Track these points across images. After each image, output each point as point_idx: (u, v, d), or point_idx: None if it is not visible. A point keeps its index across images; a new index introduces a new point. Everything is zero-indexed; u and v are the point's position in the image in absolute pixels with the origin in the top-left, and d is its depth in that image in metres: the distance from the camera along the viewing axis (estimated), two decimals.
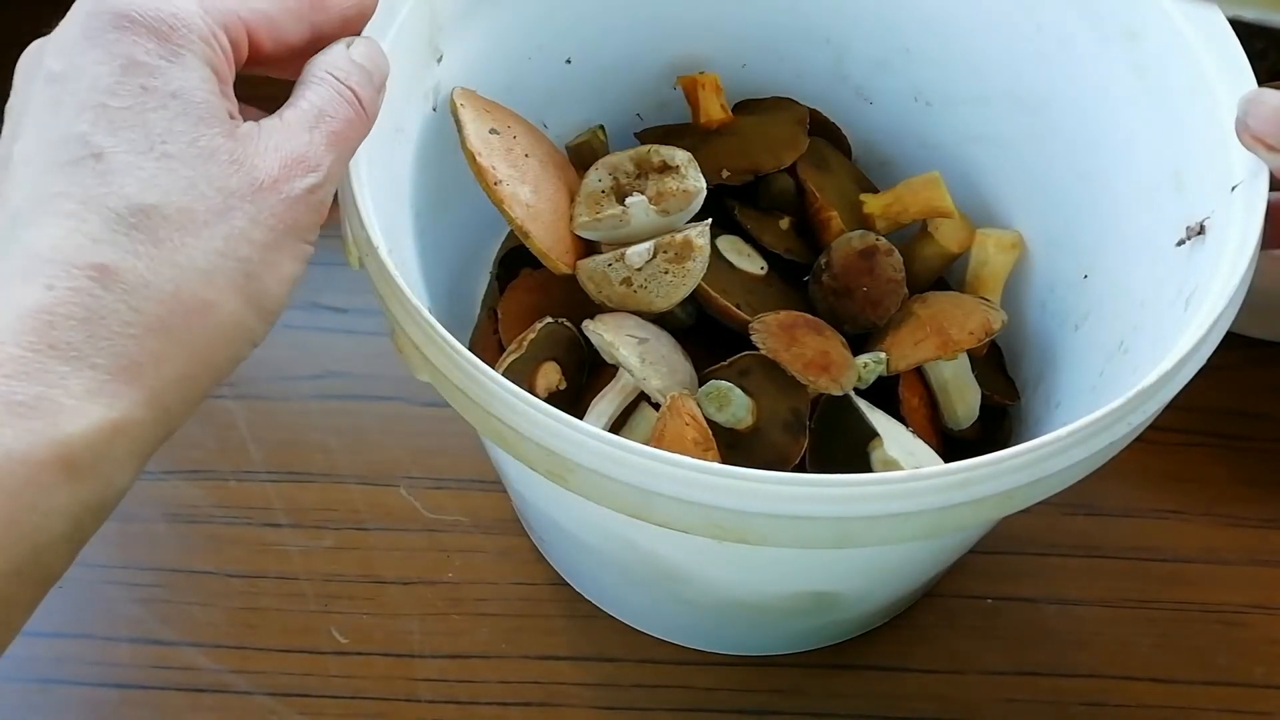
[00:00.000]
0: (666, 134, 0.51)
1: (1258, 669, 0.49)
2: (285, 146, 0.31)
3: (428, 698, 0.48)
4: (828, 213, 0.48)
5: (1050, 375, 0.47)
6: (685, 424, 0.40)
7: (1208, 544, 0.52)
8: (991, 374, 0.50)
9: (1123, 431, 0.32)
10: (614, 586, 0.48)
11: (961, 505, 0.31)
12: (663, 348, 0.43)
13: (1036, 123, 0.46)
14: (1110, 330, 0.42)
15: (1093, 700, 0.49)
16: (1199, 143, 0.38)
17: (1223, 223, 0.36)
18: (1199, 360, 0.33)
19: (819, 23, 0.49)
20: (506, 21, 0.45)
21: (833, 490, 0.30)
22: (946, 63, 0.48)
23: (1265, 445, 0.54)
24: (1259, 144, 0.35)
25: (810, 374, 0.43)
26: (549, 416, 0.31)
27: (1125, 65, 0.41)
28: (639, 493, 0.31)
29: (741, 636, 0.48)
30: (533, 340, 0.43)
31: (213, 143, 0.30)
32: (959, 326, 0.45)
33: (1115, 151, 0.43)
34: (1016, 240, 0.49)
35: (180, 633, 0.49)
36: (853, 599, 0.44)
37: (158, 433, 0.28)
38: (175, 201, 0.29)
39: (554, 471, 0.32)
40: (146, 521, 0.52)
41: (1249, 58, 0.38)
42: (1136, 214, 0.42)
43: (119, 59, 0.29)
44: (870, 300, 0.46)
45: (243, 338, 0.30)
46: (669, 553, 0.39)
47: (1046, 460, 0.31)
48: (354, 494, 0.53)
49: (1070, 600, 0.51)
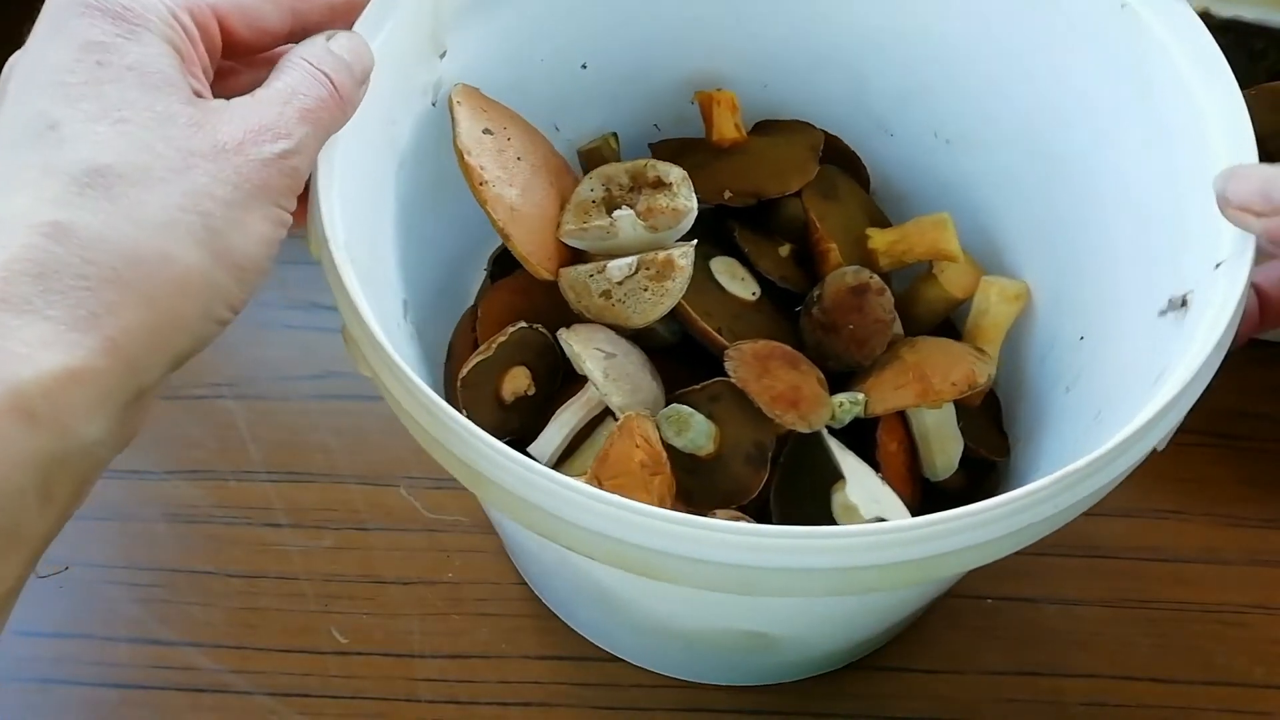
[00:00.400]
0: (679, 148, 0.50)
1: (1258, 669, 0.49)
2: (253, 116, 0.31)
3: (428, 698, 0.48)
4: (827, 244, 0.47)
5: (1039, 435, 0.46)
6: (635, 445, 0.40)
7: (1208, 544, 0.52)
8: (984, 426, 0.48)
9: (1049, 512, 0.31)
10: (569, 601, 0.48)
11: (869, 568, 0.30)
12: (630, 365, 0.43)
13: (1050, 173, 0.45)
14: (1093, 397, 0.41)
15: (1093, 700, 0.48)
16: (1197, 212, 0.36)
17: (1203, 300, 0.34)
18: (1145, 445, 0.31)
19: (840, 52, 0.48)
20: (517, 22, 0.45)
21: (730, 538, 0.29)
22: (967, 102, 0.46)
23: (1266, 445, 0.54)
24: (1245, 213, 0.34)
25: (778, 408, 0.42)
26: (458, 425, 0.31)
27: (1138, 123, 0.40)
28: (546, 515, 0.31)
29: (693, 663, 0.48)
30: (502, 344, 0.43)
31: (170, 108, 0.30)
32: (942, 376, 0.43)
33: (1120, 210, 0.41)
34: (1021, 291, 0.47)
35: (180, 633, 0.50)
36: (790, 641, 0.43)
37: (123, 384, 0.29)
38: (131, 160, 0.29)
39: (469, 480, 0.32)
40: (146, 521, 0.53)
41: (1249, 57, 0.36)
42: (1133, 279, 0.40)
43: (77, 40, 0.30)
44: (856, 339, 0.45)
45: (212, 293, 0.30)
46: (601, 575, 0.39)
47: (956, 534, 0.30)
48: (354, 494, 0.53)
49: (1070, 600, 0.50)
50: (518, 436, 0.45)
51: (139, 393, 0.29)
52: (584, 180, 0.45)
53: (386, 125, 0.41)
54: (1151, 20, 0.38)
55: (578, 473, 0.43)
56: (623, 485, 0.39)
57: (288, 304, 0.36)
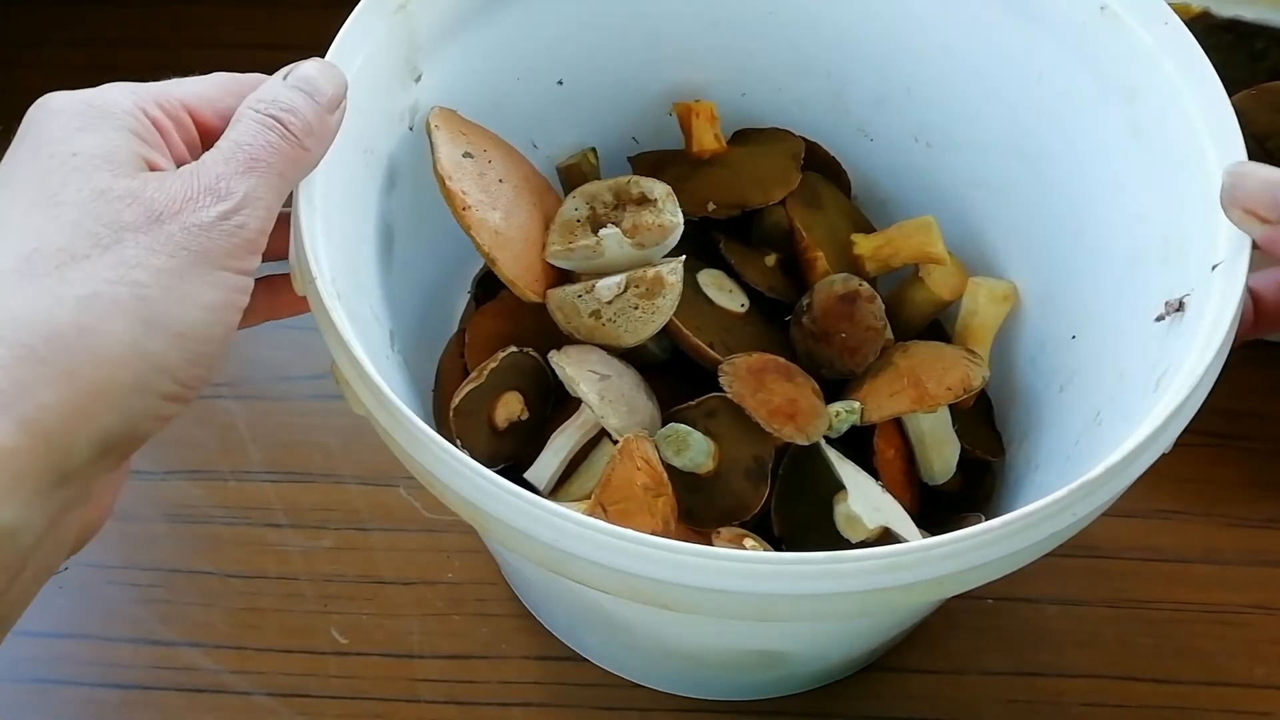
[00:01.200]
0: (658, 161, 0.50)
1: (1259, 669, 0.49)
2: (193, 181, 0.31)
3: (427, 698, 0.48)
4: (814, 252, 0.47)
5: (1035, 434, 0.46)
6: (637, 468, 0.39)
7: (1209, 544, 0.52)
8: (978, 427, 0.48)
9: (1068, 520, 0.30)
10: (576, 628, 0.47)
11: (890, 590, 0.30)
12: (625, 386, 0.42)
13: (1034, 173, 0.44)
14: (1090, 397, 0.41)
15: (1093, 701, 0.48)
16: (1189, 213, 0.36)
17: (1201, 303, 0.34)
18: (1153, 454, 0.31)
19: (819, 57, 0.47)
20: (492, 42, 0.44)
21: (750, 567, 0.29)
22: (947, 105, 0.46)
23: (1267, 445, 0.54)
24: (1250, 216, 0.33)
25: (775, 422, 0.41)
26: (464, 466, 0.30)
27: (1123, 123, 0.39)
28: (557, 552, 0.30)
29: (700, 682, 0.47)
30: (494, 370, 0.42)
31: (104, 184, 0.30)
32: (937, 381, 0.43)
33: (1108, 210, 0.41)
34: (1009, 292, 0.47)
35: (180, 633, 0.49)
36: (801, 657, 0.43)
37: (46, 464, 0.28)
38: (58, 242, 0.29)
39: (473, 519, 0.32)
40: (146, 522, 0.52)
41: (1249, 57, 0.36)
42: (1124, 279, 0.40)
43: (33, 140, 0.31)
44: (848, 347, 0.45)
45: (144, 364, 0.29)
46: (609, 604, 0.38)
47: (979, 550, 0.29)
48: (354, 494, 0.53)
49: (1071, 601, 0.50)
50: (512, 463, 0.44)
51: (62, 476, 0.28)
52: (567, 200, 0.44)
53: (364, 153, 0.40)
54: (1132, 22, 0.38)
55: (576, 497, 0.43)
56: (627, 510, 0.38)
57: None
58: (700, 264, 0.47)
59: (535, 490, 0.39)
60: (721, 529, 0.41)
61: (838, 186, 0.51)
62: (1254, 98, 0.35)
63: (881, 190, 0.51)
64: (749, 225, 0.49)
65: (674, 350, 0.46)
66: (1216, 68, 0.37)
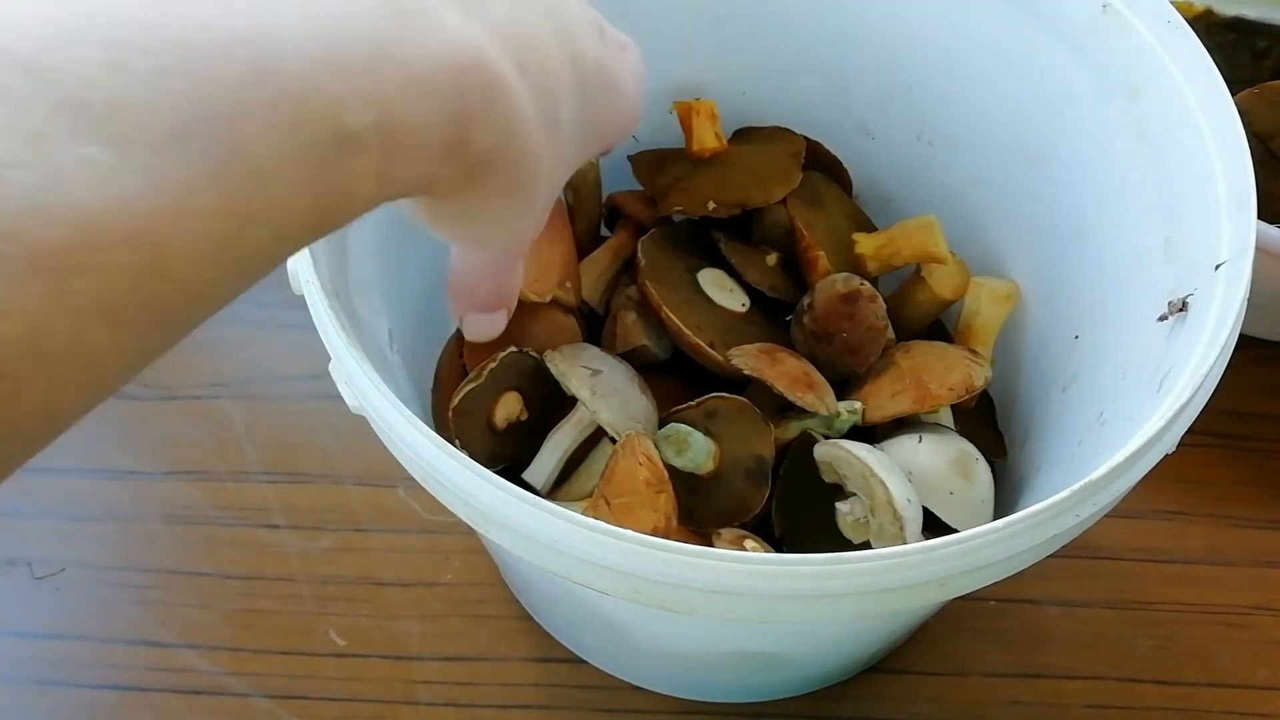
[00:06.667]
0: (659, 159, 0.49)
1: (1261, 671, 0.49)
2: None
3: (426, 700, 0.48)
4: (815, 252, 0.46)
5: (1037, 435, 0.46)
6: (639, 463, 0.39)
7: (1211, 545, 0.52)
8: (979, 427, 0.48)
9: (1071, 521, 0.30)
10: (574, 629, 0.47)
11: (891, 591, 0.29)
12: (617, 379, 0.42)
13: (1037, 172, 0.44)
14: (1093, 398, 0.41)
15: (1096, 703, 0.48)
16: (1191, 212, 0.36)
17: (1204, 303, 0.34)
18: (1156, 455, 0.31)
19: (821, 55, 0.47)
20: None
21: (751, 568, 0.29)
22: (949, 103, 0.46)
23: (1269, 446, 0.54)
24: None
25: (797, 390, 0.41)
26: (463, 466, 0.30)
27: (1125, 122, 0.39)
28: (557, 553, 0.30)
29: (701, 684, 0.47)
30: (493, 370, 0.42)
31: None
32: (939, 381, 0.43)
33: (1111, 209, 0.41)
34: (1012, 291, 0.47)
35: (177, 634, 0.49)
36: (802, 658, 0.42)
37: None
38: None
39: (473, 520, 0.31)
40: (144, 522, 0.52)
41: (1252, 55, 0.36)
42: (1126, 278, 0.40)
43: None
44: (850, 347, 0.45)
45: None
46: (609, 606, 0.38)
47: (981, 551, 0.29)
48: (352, 495, 0.53)
49: (1073, 602, 0.50)
50: (511, 463, 0.44)
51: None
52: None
53: None
54: (1134, 21, 0.38)
55: (575, 497, 0.42)
56: (630, 504, 0.38)
57: (285, 304, 0.35)
58: (701, 263, 0.47)
59: (534, 491, 0.39)
60: (722, 530, 0.41)
61: (839, 185, 0.50)
62: (1257, 96, 0.35)
63: (883, 189, 0.51)
64: (750, 224, 0.49)
65: (674, 350, 0.46)
66: (1219, 66, 0.36)
